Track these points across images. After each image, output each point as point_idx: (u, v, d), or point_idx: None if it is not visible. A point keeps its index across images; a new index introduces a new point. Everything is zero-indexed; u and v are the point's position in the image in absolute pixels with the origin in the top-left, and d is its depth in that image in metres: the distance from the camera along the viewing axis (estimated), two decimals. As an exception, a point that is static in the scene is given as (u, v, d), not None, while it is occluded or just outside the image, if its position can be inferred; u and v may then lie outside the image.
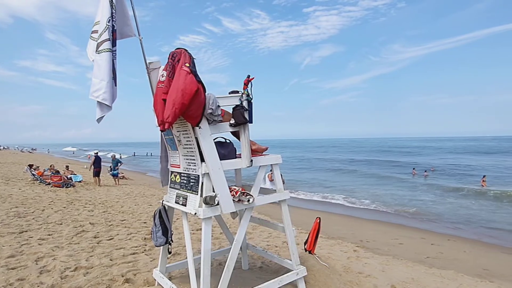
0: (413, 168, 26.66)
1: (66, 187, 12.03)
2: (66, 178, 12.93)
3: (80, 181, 14.03)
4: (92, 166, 14.31)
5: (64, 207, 8.06)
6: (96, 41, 2.63)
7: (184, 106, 2.36)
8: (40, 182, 12.81)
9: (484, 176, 19.40)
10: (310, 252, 4.01)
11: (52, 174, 12.86)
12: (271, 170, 3.17)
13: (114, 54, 2.64)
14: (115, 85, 2.68)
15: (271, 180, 10.50)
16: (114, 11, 2.61)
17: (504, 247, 7.96)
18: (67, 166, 17.25)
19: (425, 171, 25.32)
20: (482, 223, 10.49)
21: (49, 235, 5.34)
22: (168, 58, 2.55)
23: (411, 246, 7.48)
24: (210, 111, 2.53)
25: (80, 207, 8.22)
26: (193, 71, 2.44)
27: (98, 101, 2.61)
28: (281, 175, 3.22)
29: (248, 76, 2.78)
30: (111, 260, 4.21)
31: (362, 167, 32.07)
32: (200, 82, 2.48)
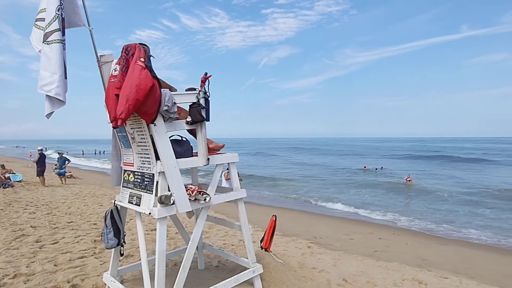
0: (364, 166, 29.03)
1: (4, 188, 10.95)
2: (3, 177, 11.76)
3: (19, 181, 12.85)
4: (36, 165, 13.18)
5: (1, 209, 7.34)
6: (44, 30, 2.45)
7: (139, 102, 2.28)
8: (-28, 182, 11.53)
9: (408, 175, 20.55)
10: (266, 250, 4.08)
11: (-13, 174, 11.65)
12: (227, 169, 3.17)
13: (63, 45, 2.48)
14: (65, 78, 2.52)
15: (228, 179, 10.49)
16: None
17: (440, 238, 8.78)
18: (2, 165, 15.69)
19: (376, 168, 27.58)
20: (422, 218, 11.45)
21: (-18, 240, 4.85)
22: (122, 52, 2.44)
23: (361, 240, 7.92)
24: (166, 108, 2.47)
25: (20, 209, 7.54)
26: (148, 66, 2.36)
27: (48, 96, 2.43)
28: (238, 173, 3.23)
29: (206, 74, 2.76)
30: (55, 265, 3.93)
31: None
32: (155, 78, 2.41)
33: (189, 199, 2.65)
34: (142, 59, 2.35)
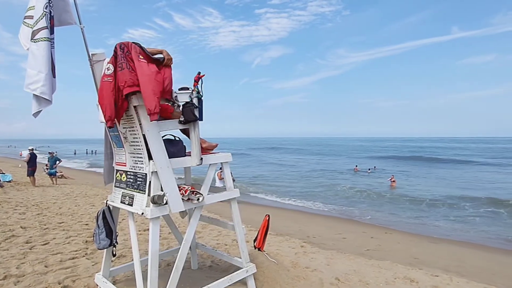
0: (356, 166, 29.25)
1: (-7, 188, 10.77)
2: (-8, 177, 11.58)
3: (9, 181, 12.64)
4: (27, 165, 12.98)
5: (-10, 210, 7.23)
6: (32, 28, 2.41)
7: (162, 92, 2.42)
8: (-40, 182, 11.30)
9: (392, 176, 20.12)
10: (259, 249, 4.09)
11: (-25, 174, 11.44)
12: (220, 168, 3.17)
13: (52, 43, 2.44)
14: (54, 77, 2.49)
15: (221, 179, 10.47)
16: None
17: (431, 237, 8.88)
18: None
19: (369, 169, 27.62)
20: (410, 217, 11.58)
21: (-29, 241, 4.76)
22: (117, 51, 2.41)
23: (353, 240, 7.98)
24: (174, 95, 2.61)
25: (10, 210, 7.42)
26: (151, 58, 2.45)
27: (35, 95, 2.39)
28: (231, 173, 3.23)
29: (199, 73, 2.75)
30: (46, 266, 3.88)
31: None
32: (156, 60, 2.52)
33: (182, 199, 2.64)
34: (141, 57, 2.39)
